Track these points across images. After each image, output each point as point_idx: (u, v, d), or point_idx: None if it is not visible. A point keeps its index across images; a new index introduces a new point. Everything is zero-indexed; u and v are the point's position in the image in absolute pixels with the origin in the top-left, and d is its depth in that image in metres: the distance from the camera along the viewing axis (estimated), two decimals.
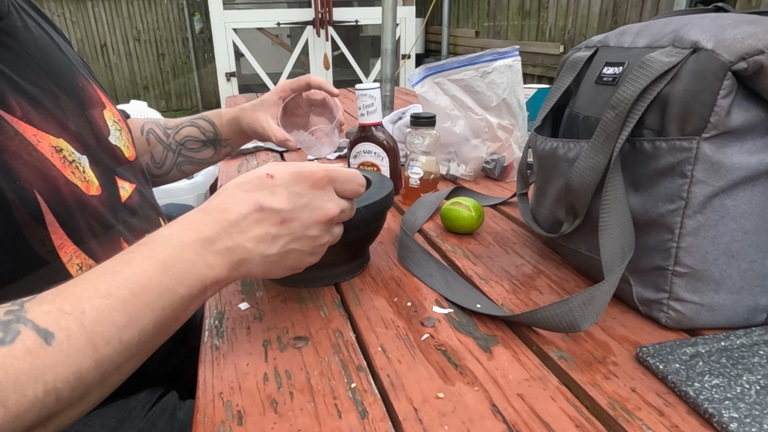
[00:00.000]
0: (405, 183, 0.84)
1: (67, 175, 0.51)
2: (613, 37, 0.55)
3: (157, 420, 0.59)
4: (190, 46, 5.77)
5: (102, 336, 0.35)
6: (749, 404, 0.37)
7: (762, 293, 0.45)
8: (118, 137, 0.64)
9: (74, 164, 0.52)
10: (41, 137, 0.49)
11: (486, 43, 4.34)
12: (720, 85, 0.41)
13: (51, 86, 0.54)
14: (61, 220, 0.49)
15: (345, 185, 0.47)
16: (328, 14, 4.24)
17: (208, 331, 0.51)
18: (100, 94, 0.64)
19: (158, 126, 0.86)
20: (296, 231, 0.44)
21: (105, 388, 0.37)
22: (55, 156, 0.50)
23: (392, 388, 0.42)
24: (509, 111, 0.91)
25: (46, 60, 0.56)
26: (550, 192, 0.60)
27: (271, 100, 0.82)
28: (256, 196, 0.43)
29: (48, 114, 0.52)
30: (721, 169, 0.43)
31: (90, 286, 0.37)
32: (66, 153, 0.52)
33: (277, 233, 0.43)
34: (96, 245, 0.52)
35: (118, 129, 0.65)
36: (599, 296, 0.44)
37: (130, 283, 0.37)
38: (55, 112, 0.53)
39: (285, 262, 0.45)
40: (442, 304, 0.54)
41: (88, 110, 0.59)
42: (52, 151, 0.50)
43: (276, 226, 0.43)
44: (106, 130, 0.61)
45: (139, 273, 0.38)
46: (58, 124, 0.52)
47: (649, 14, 2.76)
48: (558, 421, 0.38)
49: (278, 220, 0.43)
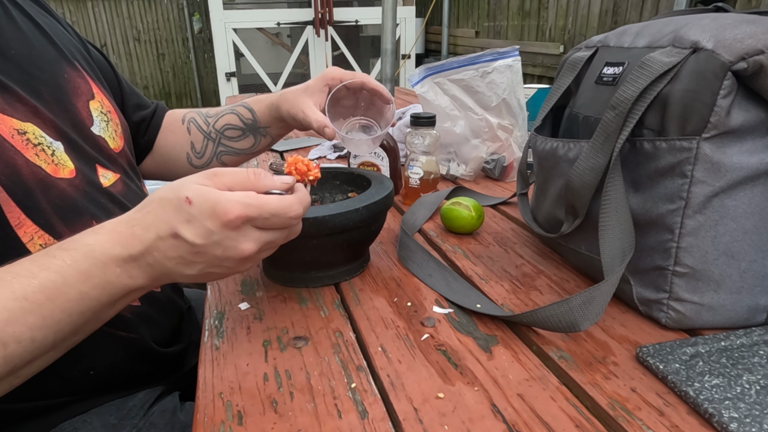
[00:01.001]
0: (405, 183, 0.84)
1: (29, 157, 0.51)
2: (613, 37, 0.55)
3: (157, 420, 0.59)
4: (190, 46, 5.77)
5: (13, 336, 0.36)
6: (749, 404, 0.37)
7: (762, 293, 0.45)
8: (103, 128, 0.64)
9: (40, 147, 0.53)
10: (1, 119, 0.51)
11: (486, 43, 4.33)
12: (720, 85, 0.41)
13: (27, 76, 0.56)
14: (17, 198, 0.50)
15: (270, 221, 0.43)
16: (328, 14, 4.24)
17: (208, 331, 0.51)
18: (92, 85, 0.65)
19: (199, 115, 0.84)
20: (211, 260, 0.43)
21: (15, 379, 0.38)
22: (15, 138, 0.51)
23: (392, 388, 0.42)
24: (509, 111, 0.91)
25: (27, 51, 0.58)
26: (550, 192, 0.60)
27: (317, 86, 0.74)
28: (173, 221, 0.42)
29: (17, 99, 0.53)
30: (721, 169, 0.43)
31: (5, 288, 0.38)
32: (31, 136, 0.53)
33: (192, 260, 0.42)
34: (63, 227, 0.53)
35: (104, 120, 0.65)
36: (599, 296, 0.44)
37: (47, 288, 0.38)
38: (27, 98, 0.54)
39: (211, 274, 0.45)
40: (442, 304, 0.54)
41: (71, 100, 0.60)
42: (13, 133, 0.51)
43: (190, 255, 0.42)
44: (89, 120, 0.62)
45: (57, 280, 0.39)
46: (29, 110, 0.54)
47: (649, 14, 2.76)
48: (558, 421, 0.38)
49: (191, 251, 0.42)
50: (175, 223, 0.42)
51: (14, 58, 0.55)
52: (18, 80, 0.54)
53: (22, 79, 0.55)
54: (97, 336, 0.56)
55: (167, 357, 0.65)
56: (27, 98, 0.54)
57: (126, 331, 0.58)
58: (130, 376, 0.61)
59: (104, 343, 0.57)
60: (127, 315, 0.58)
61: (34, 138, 0.53)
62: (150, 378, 0.63)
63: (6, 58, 0.55)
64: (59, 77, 0.60)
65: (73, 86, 0.62)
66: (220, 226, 0.41)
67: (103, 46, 5.49)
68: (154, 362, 0.63)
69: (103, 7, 5.40)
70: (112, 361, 0.58)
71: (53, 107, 0.57)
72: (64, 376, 0.54)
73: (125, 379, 0.60)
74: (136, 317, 0.60)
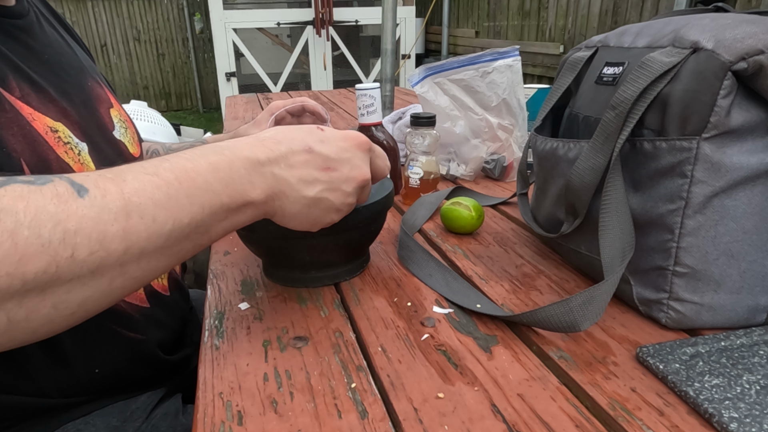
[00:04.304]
0: (405, 183, 0.84)
1: (60, 153, 0.53)
2: (613, 37, 0.55)
3: (160, 423, 0.59)
4: (190, 46, 5.77)
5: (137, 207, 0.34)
6: (749, 404, 0.37)
7: (762, 293, 0.45)
8: (123, 134, 0.67)
9: (69, 146, 0.54)
10: (37, 116, 0.52)
11: (486, 43, 4.33)
12: (720, 85, 0.41)
13: (58, 80, 0.58)
14: None
15: (379, 159, 0.50)
16: (328, 14, 4.24)
17: (208, 331, 0.51)
18: (109, 96, 0.68)
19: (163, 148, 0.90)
20: (335, 181, 0.45)
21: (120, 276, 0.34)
22: (49, 134, 0.52)
23: (392, 388, 0.42)
24: (509, 111, 0.91)
25: (57, 59, 0.60)
26: (550, 192, 0.60)
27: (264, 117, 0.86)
28: (308, 139, 0.45)
29: (50, 100, 0.55)
30: (721, 169, 0.43)
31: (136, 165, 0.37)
32: (62, 135, 0.54)
33: (318, 178, 0.45)
34: None
35: (123, 127, 0.68)
36: (599, 296, 0.44)
37: (177, 169, 0.38)
38: (58, 100, 0.56)
39: (313, 210, 0.46)
40: (442, 304, 0.54)
41: (95, 105, 0.63)
42: (47, 130, 0.52)
43: (319, 171, 0.45)
44: (111, 125, 0.64)
45: (187, 165, 0.38)
46: (59, 111, 0.55)
47: (649, 14, 2.76)
48: (558, 421, 0.38)
49: (323, 166, 0.45)
50: (309, 141, 0.45)
51: (47, 62, 0.58)
52: (51, 82, 0.57)
53: (54, 82, 0.57)
54: (104, 332, 0.56)
55: (171, 363, 0.66)
56: (58, 100, 0.56)
57: (134, 332, 0.59)
58: (134, 379, 0.61)
59: (112, 342, 0.57)
60: (136, 315, 0.59)
61: (65, 137, 0.54)
62: (153, 381, 0.63)
63: (41, 61, 0.57)
64: (84, 84, 0.63)
65: (95, 94, 0.65)
66: (354, 146, 0.47)
67: (103, 46, 5.49)
68: (158, 367, 0.63)
69: (103, 7, 5.40)
70: (117, 361, 0.58)
71: (80, 110, 0.59)
72: (70, 370, 0.54)
73: (129, 381, 0.60)
74: (144, 318, 0.60)
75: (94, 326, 0.55)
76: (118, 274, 0.34)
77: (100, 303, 0.35)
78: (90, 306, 0.34)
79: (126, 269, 0.35)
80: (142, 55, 5.69)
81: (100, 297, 0.34)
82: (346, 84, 4.17)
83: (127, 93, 5.65)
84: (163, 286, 0.66)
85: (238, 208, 0.41)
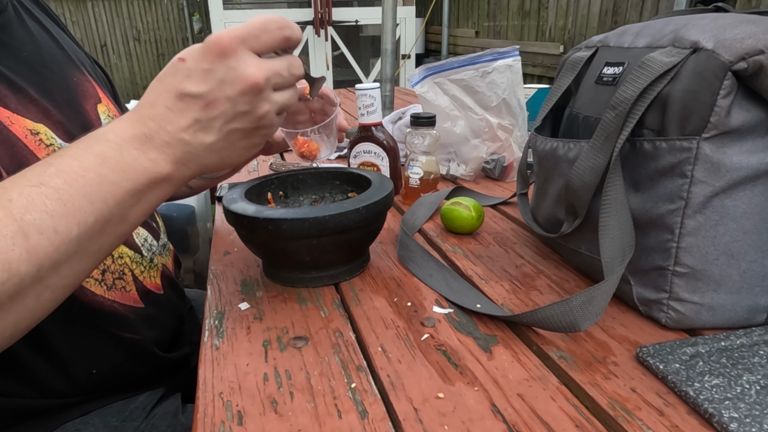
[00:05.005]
0: (405, 183, 0.84)
1: (41, 157, 0.51)
2: (613, 37, 0.55)
3: (159, 422, 0.59)
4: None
5: (33, 224, 0.33)
6: (749, 404, 0.37)
7: (762, 293, 0.45)
8: None
9: (51, 147, 0.53)
10: (15, 119, 0.50)
11: (486, 43, 4.33)
12: (720, 85, 0.41)
13: (39, 78, 0.56)
14: None
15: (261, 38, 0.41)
16: (328, 14, 4.24)
17: (208, 331, 0.51)
18: (98, 90, 0.65)
19: None
20: (226, 110, 0.40)
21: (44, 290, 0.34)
22: (29, 138, 0.51)
23: (392, 388, 0.42)
24: (509, 111, 0.91)
25: (39, 54, 0.58)
26: (550, 192, 0.60)
27: None
28: (173, 83, 0.40)
29: (30, 101, 0.53)
30: (721, 169, 0.43)
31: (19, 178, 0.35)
32: (44, 137, 0.52)
33: (207, 117, 0.40)
34: None
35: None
36: (599, 296, 0.44)
37: (63, 172, 0.35)
38: (39, 99, 0.54)
39: (234, 147, 0.42)
40: (442, 304, 0.54)
41: (80, 102, 0.61)
42: (27, 133, 0.51)
43: (202, 111, 0.40)
44: (97, 123, 0.62)
45: (73, 164, 0.36)
46: (41, 111, 0.54)
47: (649, 14, 2.76)
48: (558, 421, 0.38)
49: (202, 105, 0.40)
50: (174, 84, 0.40)
51: (26, 60, 0.56)
52: (31, 81, 0.54)
53: (35, 81, 0.55)
54: (100, 336, 0.56)
55: (170, 361, 0.65)
56: (39, 99, 0.54)
57: (130, 332, 0.58)
58: (133, 378, 0.61)
59: (108, 344, 0.57)
60: (131, 316, 0.59)
61: (47, 139, 0.53)
62: (152, 380, 0.63)
63: (19, 59, 0.55)
64: (69, 80, 0.61)
65: (81, 89, 0.62)
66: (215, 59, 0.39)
67: (103, 46, 5.49)
68: (157, 365, 0.63)
69: (103, 7, 5.40)
70: (115, 362, 0.58)
71: (64, 109, 0.57)
72: (68, 374, 0.54)
73: (128, 381, 0.60)
74: (140, 318, 0.60)
75: (89, 331, 0.55)
76: (42, 289, 0.34)
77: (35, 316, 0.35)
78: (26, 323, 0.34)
79: (48, 282, 0.34)
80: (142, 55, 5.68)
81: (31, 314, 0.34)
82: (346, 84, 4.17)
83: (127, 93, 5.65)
84: (156, 284, 0.65)
85: (148, 187, 0.39)
